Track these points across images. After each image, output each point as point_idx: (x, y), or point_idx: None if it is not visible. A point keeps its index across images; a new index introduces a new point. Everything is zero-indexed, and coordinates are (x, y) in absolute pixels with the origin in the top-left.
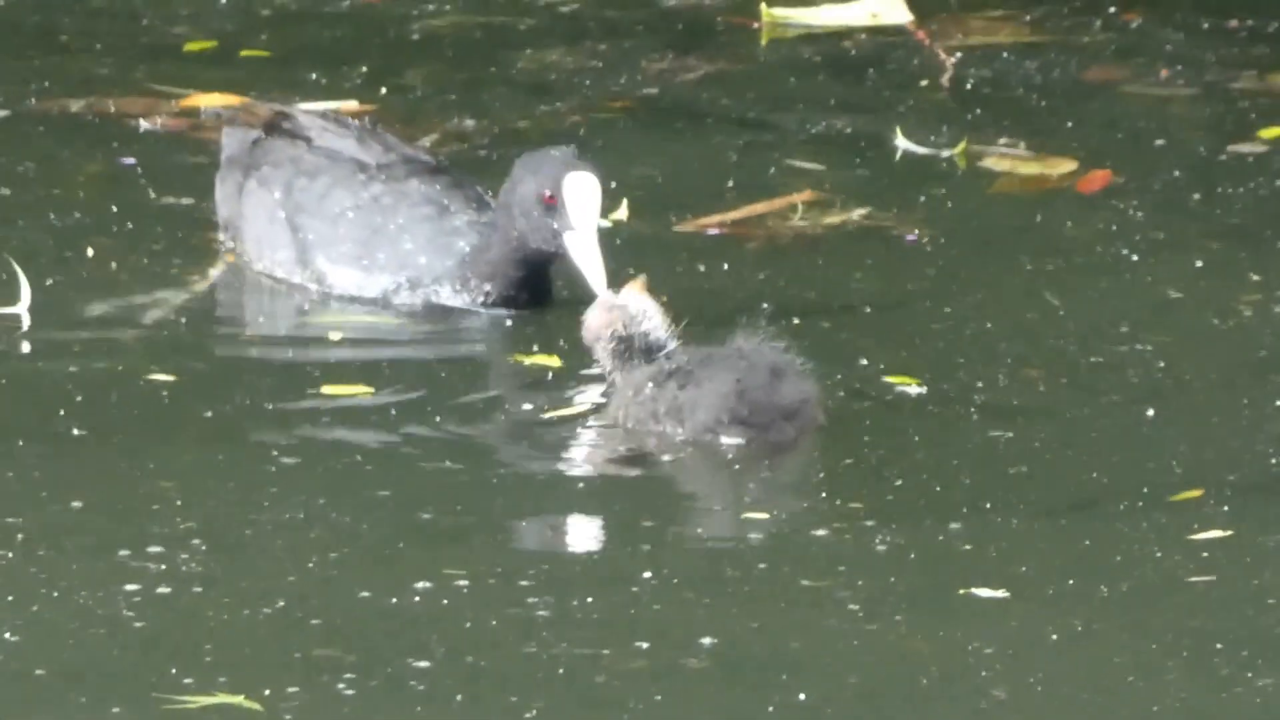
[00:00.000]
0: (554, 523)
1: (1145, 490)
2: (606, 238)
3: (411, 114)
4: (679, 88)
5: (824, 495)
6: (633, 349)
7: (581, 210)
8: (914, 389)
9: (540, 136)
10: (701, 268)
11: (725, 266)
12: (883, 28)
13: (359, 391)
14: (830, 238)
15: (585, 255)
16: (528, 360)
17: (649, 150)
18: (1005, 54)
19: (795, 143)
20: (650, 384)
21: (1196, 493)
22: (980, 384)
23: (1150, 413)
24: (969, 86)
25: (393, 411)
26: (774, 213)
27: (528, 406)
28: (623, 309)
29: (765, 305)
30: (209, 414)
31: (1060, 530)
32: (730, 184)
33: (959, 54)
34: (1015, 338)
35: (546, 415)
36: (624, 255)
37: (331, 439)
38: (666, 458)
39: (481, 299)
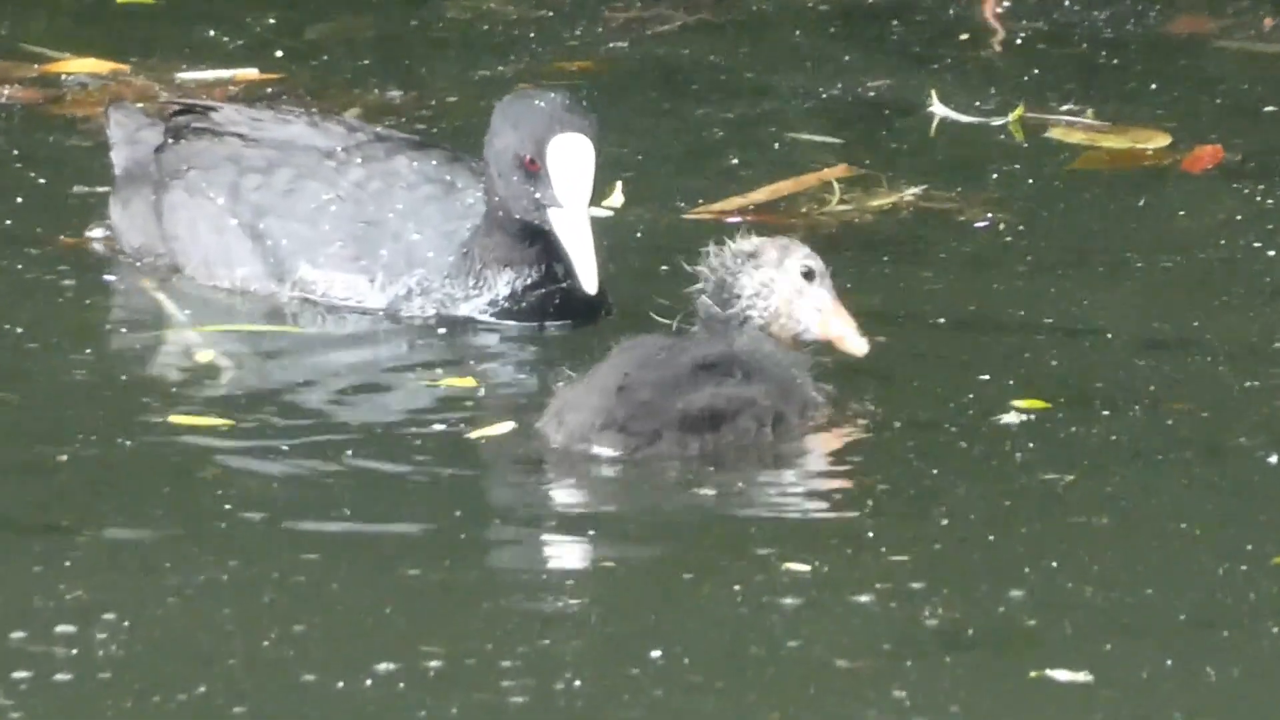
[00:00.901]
0: (536, 580)
1: (1249, 549)
2: (608, 228)
3: (323, 83)
4: (651, 43)
5: (871, 536)
6: (721, 296)
7: (569, 184)
8: (1021, 416)
9: (483, 110)
10: None
11: None
12: None
13: (219, 424)
14: (883, 225)
15: (573, 238)
16: (443, 383)
17: (620, 124)
18: (1066, 1)
19: (801, 111)
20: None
21: None
22: (1107, 413)
23: (1273, 459)
24: (1019, 40)
25: (285, 446)
26: (803, 194)
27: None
28: (783, 253)
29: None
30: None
31: (1150, 600)
32: (734, 161)
33: (1007, 1)
34: (1147, 356)
35: (473, 435)
36: (637, 250)
37: (254, 483)
38: (659, 485)
39: (506, 297)
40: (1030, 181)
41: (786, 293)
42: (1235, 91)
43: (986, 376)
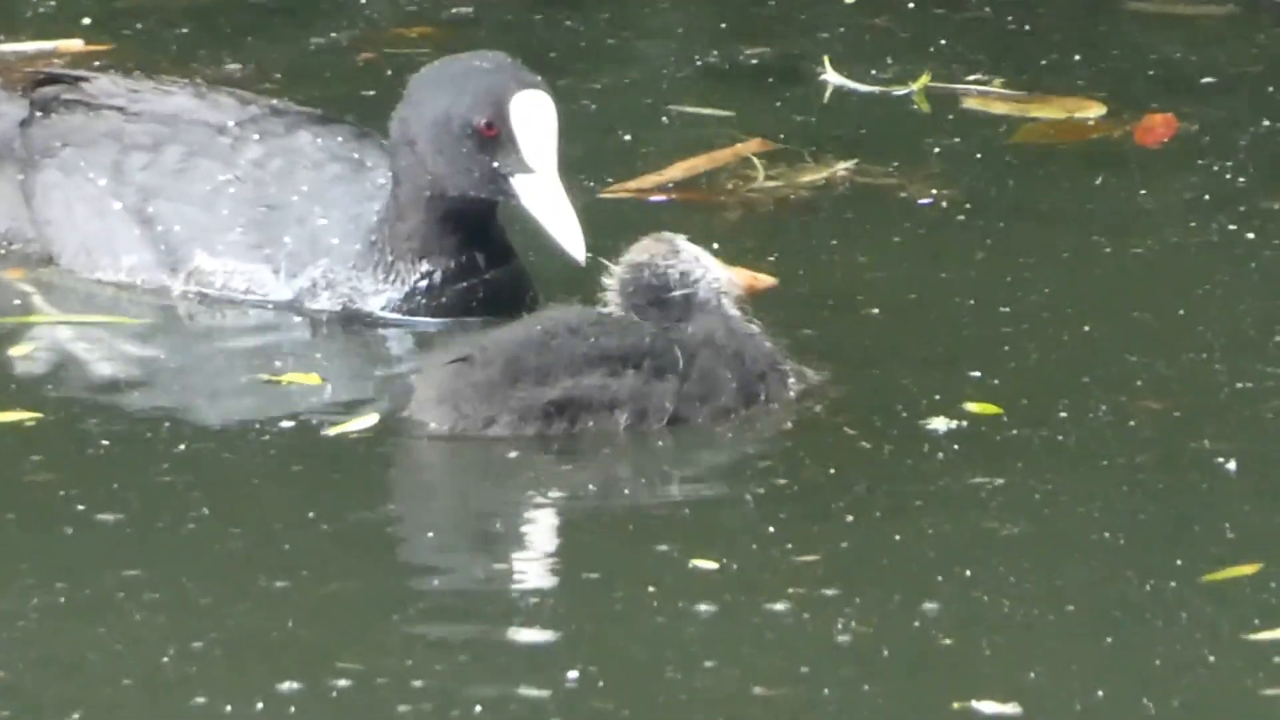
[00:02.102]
0: (433, 595)
1: (1179, 564)
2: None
3: (153, 54)
4: (497, 8)
5: (773, 531)
6: (640, 292)
7: (538, 144)
8: (950, 420)
9: (328, 82)
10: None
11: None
12: None
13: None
14: (820, 202)
15: (550, 205)
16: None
17: None
18: None
19: (676, 81)
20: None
21: (1249, 569)
22: (1064, 414)
23: (1232, 465)
24: (911, 4)
25: (106, 442)
26: (723, 170)
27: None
28: (671, 245)
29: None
30: None
31: (1072, 620)
32: (626, 137)
33: None
34: (1130, 349)
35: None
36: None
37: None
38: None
39: (423, 292)
40: (977, 157)
41: (709, 262)
42: (1166, 59)
43: (934, 370)
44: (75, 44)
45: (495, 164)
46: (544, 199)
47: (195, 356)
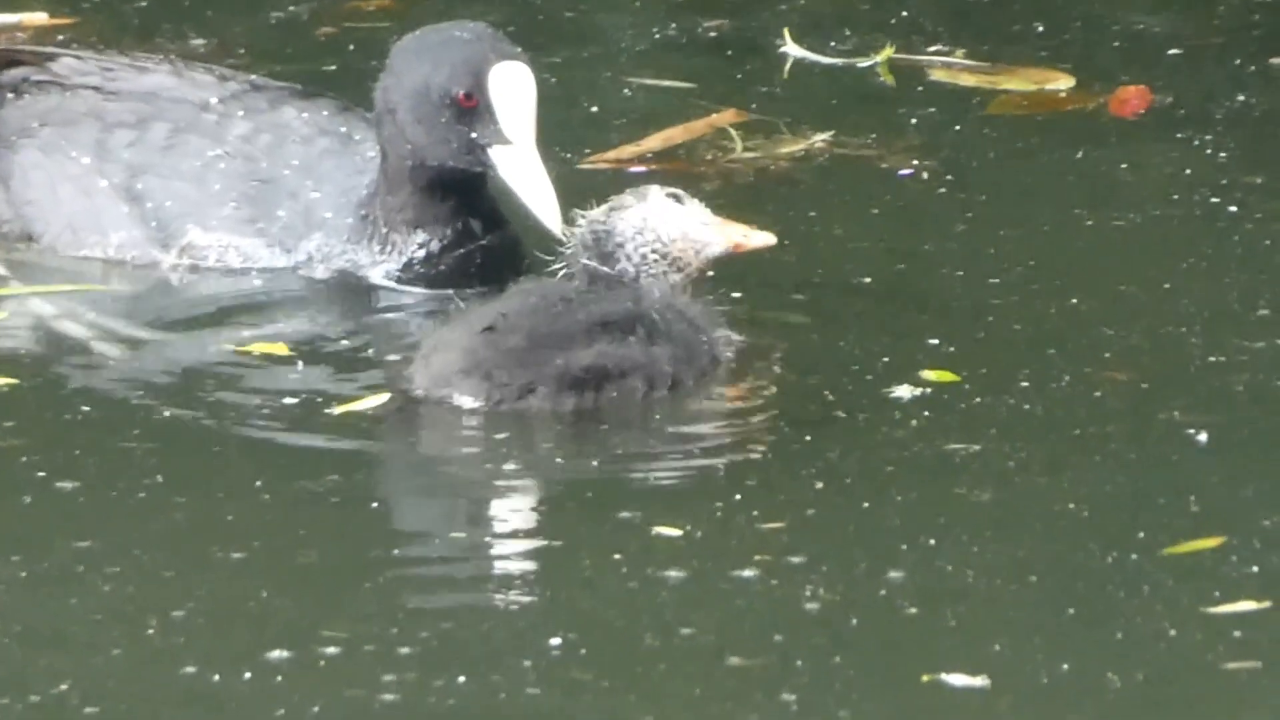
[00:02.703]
0: (409, 558)
1: (1141, 536)
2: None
3: (117, 29)
4: None
5: (739, 499)
6: (597, 251)
7: (516, 116)
8: (925, 388)
9: (290, 57)
10: None
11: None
12: None
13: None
14: (800, 173)
15: (527, 177)
16: (256, 350)
17: None
18: None
19: (635, 54)
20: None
21: (1212, 541)
22: (1026, 385)
23: (1202, 437)
24: None
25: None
26: (700, 141)
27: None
28: (640, 194)
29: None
30: None
31: (1035, 591)
32: (593, 108)
33: None
34: (1109, 321)
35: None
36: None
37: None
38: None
39: (421, 261)
40: (956, 129)
41: (667, 218)
42: (1129, 30)
43: (908, 340)
44: (39, 17)
45: (473, 134)
46: (521, 170)
47: (185, 329)
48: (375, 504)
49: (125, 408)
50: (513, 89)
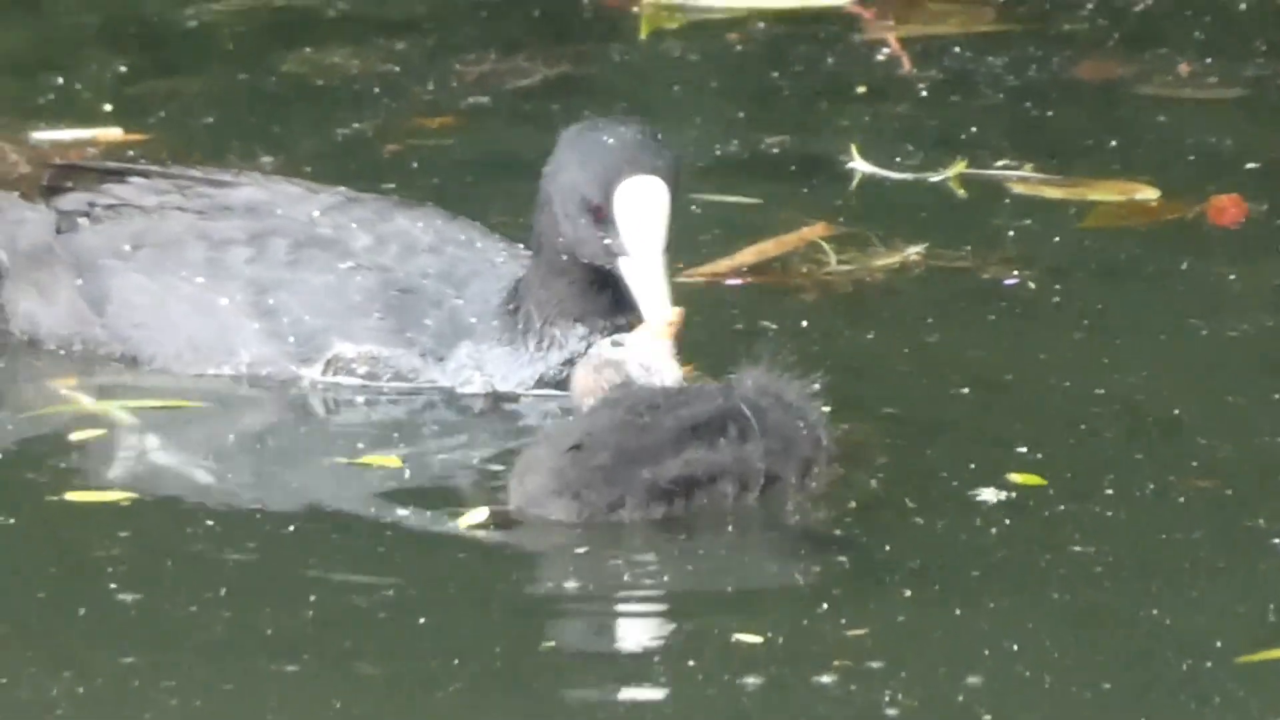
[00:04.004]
0: (472, 668)
1: (1218, 645)
2: None
3: (187, 145)
4: (514, 98)
5: (826, 609)
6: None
7: (639, 232)
8: (1018, 494)
9: (354, 173)
10: (769, 325)
11: (803, 324)
12: (806, 12)
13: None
14: (899, 284)
15: (643, 289)
16: (370, 461)
17: (501, 183)
18: (956, 48)
19: (697, 170)
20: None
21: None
22: (1109, 492)
23: None
24: (924, 91)
25: (211, 523)
26: (793, 254)
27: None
28: (617, 367)
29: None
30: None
31: (1108, 698)
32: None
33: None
34: (1204, 431)
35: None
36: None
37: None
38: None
39: (582, 354)
40: (1055, 240)
41: (646, 357)
42: (1202, 142)
43: (999, 445)
44: (114, 133)
45: (606, 240)
46: (640, 284)
47: (314, 442)
48: (453, 613)
49: (227, 519)
50: (637, 205)
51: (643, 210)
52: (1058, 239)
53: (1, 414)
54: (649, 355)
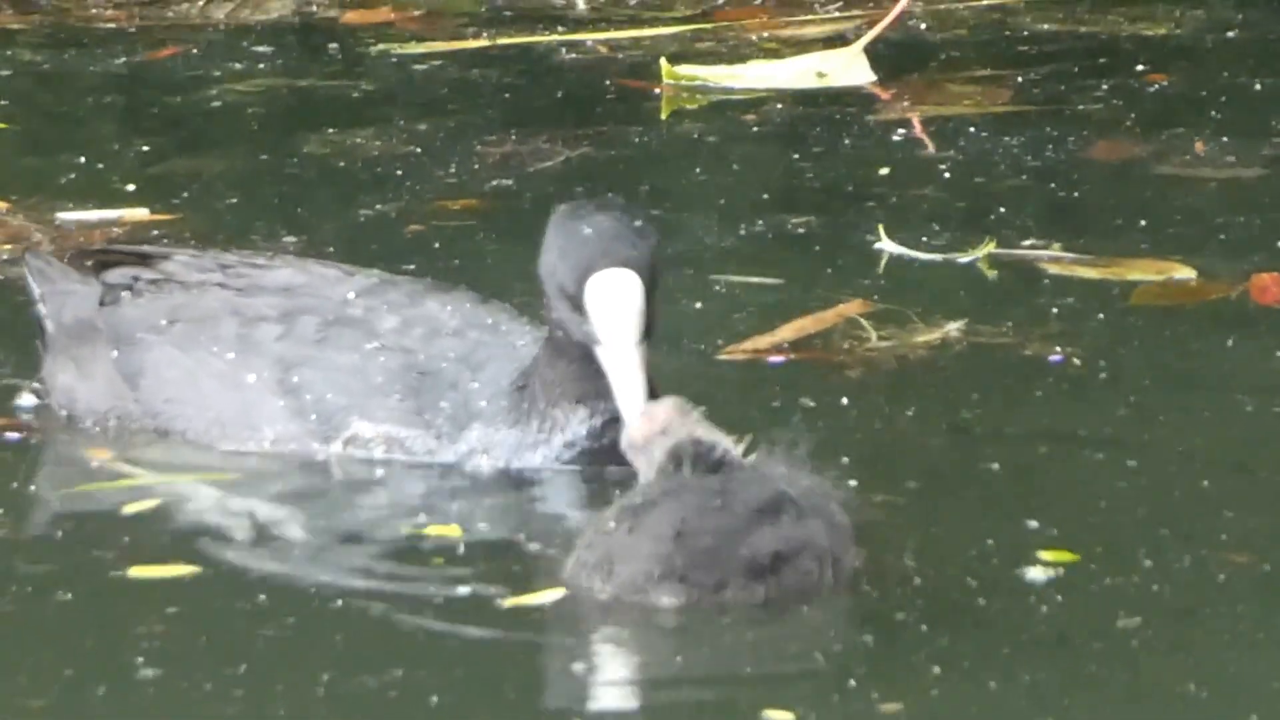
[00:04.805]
0: None
1: None
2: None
3: (213, 226)
4: (536, 179)
5: (852, 686)
6: (684, 462)
7: (609, 324)
8: (1053, 568)
9: (376, 254)
10: (808, 403)
11: (844, 402)
12: (832, 93)
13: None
14: (942, 360)
15: (620, 377)
16: (426, 531)
17: (520, 264)
18: (971, 128)
19: (719, 250)
20: (612, 523)
21: None
22: (1149, 563)
23: None
24: (946, 173)
25: (263, 597)
26: (836, 331)
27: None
28: (677, 415)
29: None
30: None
31: None
32: (697, 305)
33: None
34: (1231, 504)
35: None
36: (698, 396)
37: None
38: (614, 630)
39: (585, 437)
40: (1099, 317)
41: (676, 442)
42: (1231, 221)
43: (1027, 521)
44: (140, 213)
45: (586, 328)
46: (614, 374)
47: (343, 520)
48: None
49: (277, 593)
50: (606, 299)
51: (612, 303)
52: (1102, 316)
53: (53, 491)
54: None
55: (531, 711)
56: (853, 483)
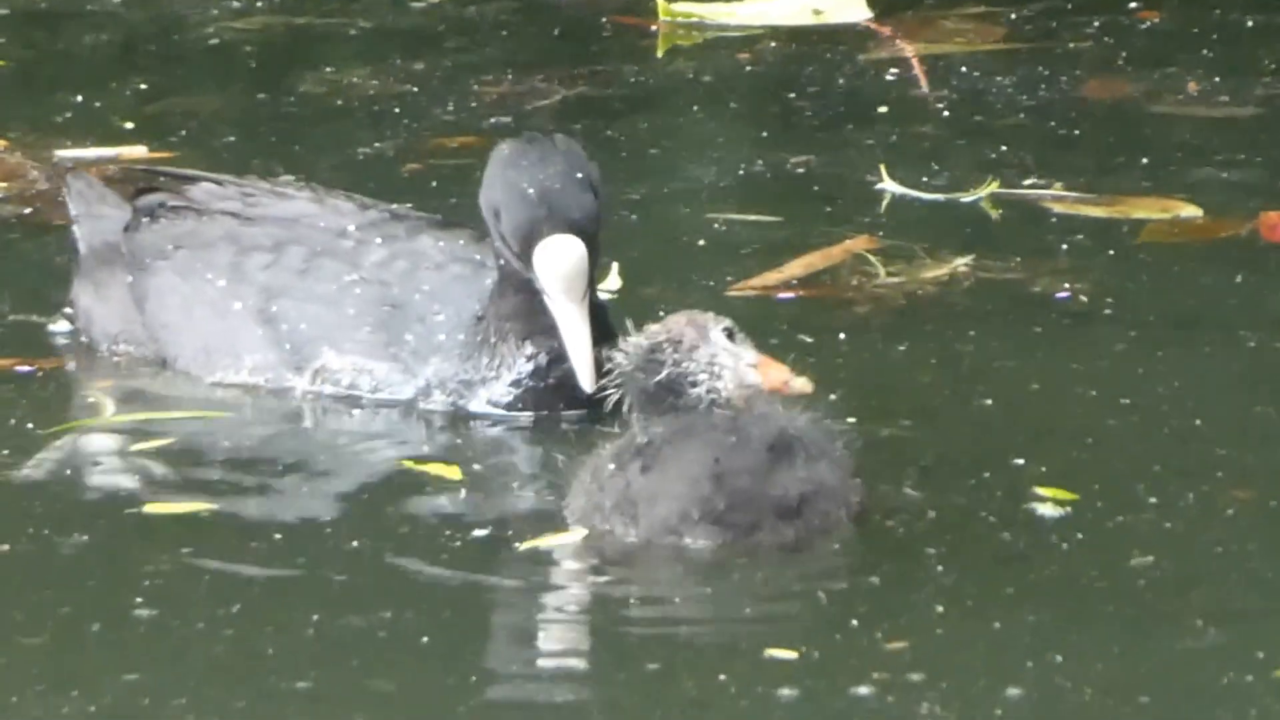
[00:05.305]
0: (503, 678)
1: (1261, 657)
2: (650, 311)
3: (212, 163)
4: (535, 118)
5: (855, 625)
6: (655, 372)
7: (557, 288)
8: (1055, 506)
9: (374, 193)
10: (809, 339)
11: (841, 337)
12: (826, 30)
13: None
14: (950, 296)
15: (567, 332)
16: (423, 468)
17: None
18: (963, 66)
19: (719, 189)
20: (612, 465)
21: None
22: (1152, 500)
23: None
24: (945, 112)
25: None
26: (845, 267)
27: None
28: (701, 332)
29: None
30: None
31: (1144, 710)
32: (700, 242)
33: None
34: (1224, 442)
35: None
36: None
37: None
38: (626, 569)
39: (530, 374)
40: (1109, 253)
41: (729, 361)
42: (1231, 159)
43: (1033, 462)
44: (138, 151)
45: (531, 275)
46: (563, 325)
47: (329, 456)
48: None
49: (287, 530)
50: (555, 266)
51: (560, 269)
52: (1112, 253)
53: (56, 428)
54: (730, 364)
55: (524, 655)
56: (850, 420)
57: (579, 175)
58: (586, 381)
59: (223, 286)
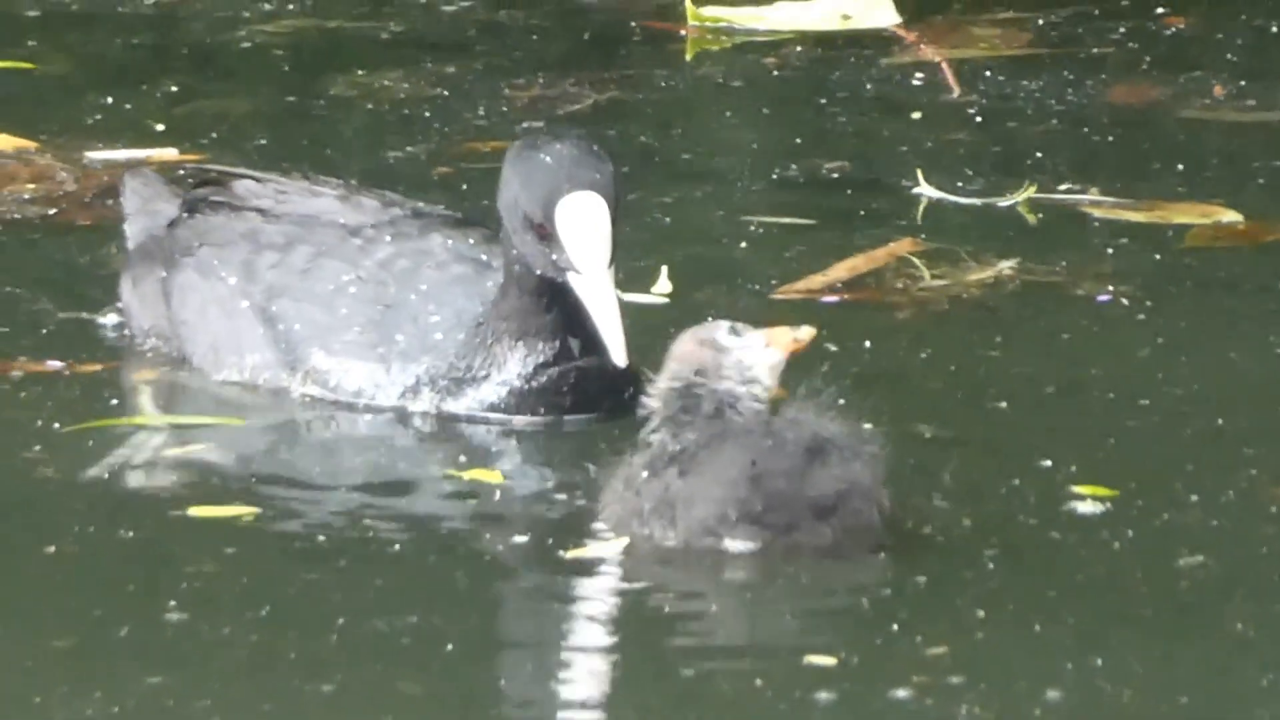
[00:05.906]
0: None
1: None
2: (692, 317)
3: (237, 164)
4: (567, 122)
5: (895, 630)
6: (697, 408)
7: (583, 249)
8: (1094, 504)
9: (401, 193)
10: (863, 345)
11: (901, 345)
12: (852, 35)
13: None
14: (995, 299)
15: (595, 305)
16: (463, 475)
17: None
18: (987, 71)
19: (754, 194)
20: (645, 472)
21: None
22: (1193, 499)
23: None
24: (978, 118)
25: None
26: (889, 270)
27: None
28: (717, 351)
29: (825, 367)
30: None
31: (1182, 710)
32: (743, 244)
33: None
34: (1250, 441)
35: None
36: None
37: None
38: (665, 575)
39: (519, 376)
40: (1156, 257)
41: (751, 357)
42: (1267, 165)
43: (1070, 463)
44: (169, 153)
45: (554, 257)
46: (591, 299)
47: (358, 458)
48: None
49: (333, 535)
50: (578, 223)
51: (584, 226)
52: (1158, 257)
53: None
54: (754, 359)
55: (556, 660)
56: (888, 421)
57: (594, 150)
58: (619, 355)
59: (233, 284)
